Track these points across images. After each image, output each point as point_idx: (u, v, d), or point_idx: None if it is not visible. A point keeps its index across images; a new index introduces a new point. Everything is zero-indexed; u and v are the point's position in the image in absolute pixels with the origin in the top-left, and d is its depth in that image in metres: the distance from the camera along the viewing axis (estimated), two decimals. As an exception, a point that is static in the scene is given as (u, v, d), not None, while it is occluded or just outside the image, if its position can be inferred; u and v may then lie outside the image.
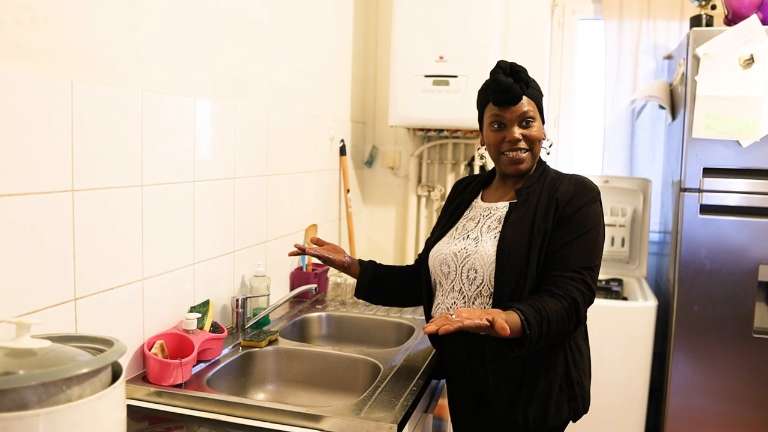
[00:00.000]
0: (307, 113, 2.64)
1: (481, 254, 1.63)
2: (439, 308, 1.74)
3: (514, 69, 1.64)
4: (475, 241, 1.67)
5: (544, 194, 1.64)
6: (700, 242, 2.71)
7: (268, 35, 2.26)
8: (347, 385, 1.88)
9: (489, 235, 1.66)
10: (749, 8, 2.76)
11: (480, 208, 1.76)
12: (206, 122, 1.91)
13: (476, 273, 1.64)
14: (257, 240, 2.24)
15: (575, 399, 1.66)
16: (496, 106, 1.66)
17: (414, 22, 2.90)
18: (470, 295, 1.65)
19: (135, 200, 1.60)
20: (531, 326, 1.45)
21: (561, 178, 1.69)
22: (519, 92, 1.62)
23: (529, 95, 1.65)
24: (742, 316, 2.68)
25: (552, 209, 1.61)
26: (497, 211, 1.71)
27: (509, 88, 1.61)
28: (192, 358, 1.65)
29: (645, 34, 3.34)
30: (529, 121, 1.65)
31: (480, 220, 1.72)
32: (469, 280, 1.65)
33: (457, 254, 1.68)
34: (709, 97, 2.65)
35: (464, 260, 1.66)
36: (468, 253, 1.66)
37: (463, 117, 2.88)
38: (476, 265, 1.63)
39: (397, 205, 3.37)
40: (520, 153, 1.66)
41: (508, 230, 1.62)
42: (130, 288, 1.60)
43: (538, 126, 1.67)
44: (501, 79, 1.62)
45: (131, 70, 1.57)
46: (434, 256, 1.75)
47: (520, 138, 1.65)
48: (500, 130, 1.67)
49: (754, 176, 2.66)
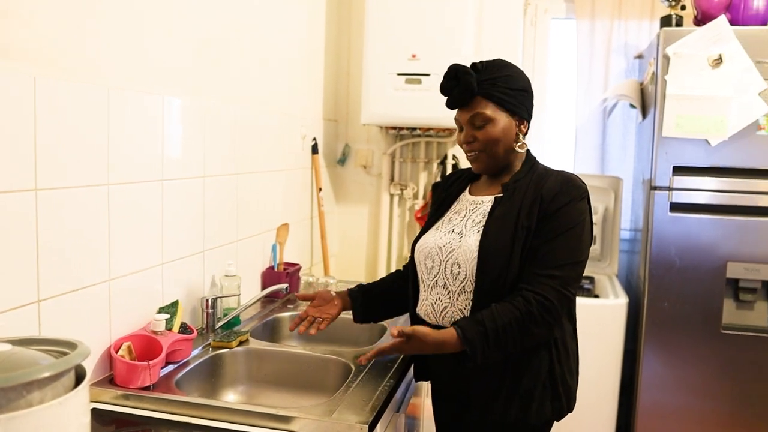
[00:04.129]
0: (279, 111, 2.61)
1: (464, 249, 1.61)
2: (423, 306, 1.72)
3: (459, 72, 1.62)
4: (459, 235, 1.65)
5: (530, 190, 1.62)
6: (670, 240, 2.74)
7: (238, 32, 2.24)
8: (319, 386, 1.87)
9: (473, 229, 1.64)
10: (718, 9, 2.80)
11: (467, 201, 1.74)
12: (175, 120, 1.88)
13: (459, 268, 1.62)
14: (228, 239, 2.21)
15: (558, 398, 1.64)
16: (449, 108, 1.69)
17: (387, 20, 2.89)
18: (454, 290, 1.64)
19: (101, 199, 1.57)
20: (470, 342, 1.50)
21: (549, 174, 1.66)
22: (461, 95, 1.61)
23: (486, 95, 1.61)
24: (711, 313, 2.71)
25: (536, 206, 1.59)
26: (482, 206, 1.69)
27: (450, 92, 1.63)
28: (160, 359, 1.62)
29: (616, 34, 3.36)
30: (481, 123, 1.62)
31: (465, 214, 1.70)
32: (453, 275, 1.63)
33: (441, 248, 1.66)
34: (679, 97, 2.67)
35: (448, 255, 1.65)
36: (452, 247, 1.64)
37: (435, 115, 2.88)
38: (459, 259, 1.62)
39: (370, 203, 3.36)
40: (473, 153, 1.67)
41: (492, 226, 1.61)
42: (96, 289, 1.57)
43: (494, 127, 1.62)
44: (443, 84, 1.65)
45: (97, 67, 1.54)
46: (420, 249, 1.73)
47: (470, 140, 1.65)
48: (460, 130, 1.69)
49: (723, 175, 2.69)
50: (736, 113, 2.62)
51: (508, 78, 1.65)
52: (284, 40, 2.64)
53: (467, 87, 1.60)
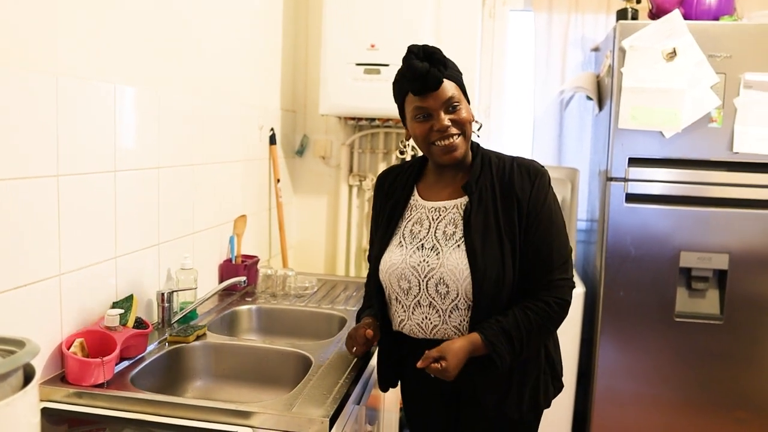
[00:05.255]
0: (236, 101, 2.56)
1: (450, 268, 1.52)
2: (407, 324, 1.61)
3: (428, 51, 1.49)
4: (434, 251, 1.55)
5: (497, 188, 1.55)
6: (625, 230, 2.78)
7: (195, 20, 2.18)
8: (278, 379, 1.85)
9: (449, 243, 1.54)
10: (672, 3, 2.84)
11: (424, 208, 1.62)
12: (128, 110, 1.82)
13: (448, 288, 1.53)
14: (184, 232, 2.16)
15: (557, 377, 1.67)
16: (416, 96, 1.51)
17: (345, 10, 2.86)
18: (445, 309, 1.55)
19: (50, 191, 1.51)
20: (500, 355, 1.49)
21: (505, 164, 1.59)
22: (438, 76, 1.48)
23: (450, 77, 1.51)
24: (665, 301, 2.77)
25: (514, 209, 1.53)
26: (448, 213, 1.58)
27: (426, 73, 1.47)
28: (114, 356, 1.58)
29: (573, 27, 3.39)
30: (455, 105, 1.52)
31: (430, 224, 1.59)
32: (440, 295, 1.54)
33: (416, 268, 1.56)
34: (634, 89, 2.71)
35: (428, 274, 1.54)
36: (431, 266, 1.54)
37: (394, 106, 2.85)
38: (446, 279, 1.52)
39: (329, 194, 3.33)
40: (452, 139, 1.52)
41: (475, 239, 1.51)
42: (46, 284, 1.51)
43: (465, 108, 1.54)
44: (416, 66, 1.47)
45: (44, 54, 1.48)
46: (387, 270, 1.61)
47: (449, 125, 1.51)
48: (426, 120, 1.53)
49: (676, 166, 2.74)
50: (689, 106, 2.67)
51: (452, 62, 1.58)
52: (241, 29, 2.59)
53: (442, 67, 1.50)
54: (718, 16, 2.81)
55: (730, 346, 2.75)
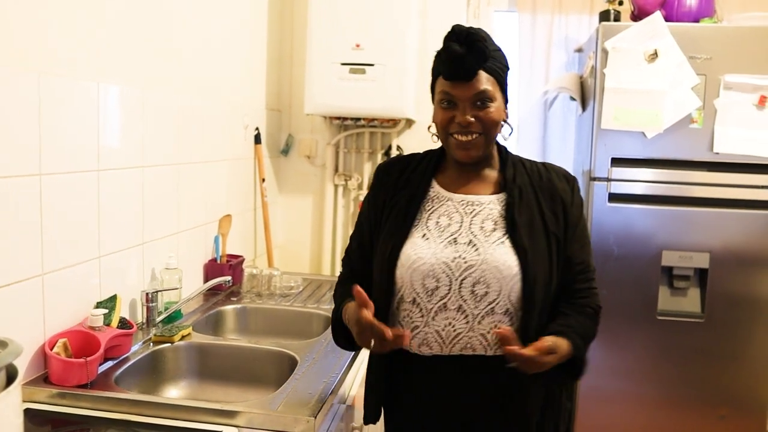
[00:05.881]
0: (221, 100, 2.56)
1: (492, 265, 1.36)
2: (418, 336, 1.40)
3: (472, 36, 1.34)
4: (472, 246, 1.38)
5: (536, 188, 1.45)
6: (608, 229, 2.80)
7: (180, 20, 2.17)
8: (264, 379, 1.85)
9: (490, 239, 1.38)
10: (653, 5, 2.88)
11: (451, 201, 1.45)
12: (112, 108, 1.81)
13: (488, 288, 1.36)
14: (168, 231, 2.16)
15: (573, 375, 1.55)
16: (446, 80, 1.38)
17: (330, 9, 2.86)
18: (477, 313, 1.37)
19: (33, 190, 1.50)
20: (583, 361, 1.43)
21: (537, 165, 1.51)
22: (473, 66, 1.35)
23: (489, 70, 1.37)
24: (647, 300, 2.79)
25: (560, 211, 1.44)
26: (484, 208, 1.43)
27: (462, 60, 1.34)
28: (98, 356, 1.57)
29: (557, 27, 3.41)
30: (485, 101, 1.38)
31: (463, 218, 1.42)
32: (476, 297, 1.36)
33: (450, 264, 1.37)
34: (617, 90, 2.74)
35: (464, 272, 1.37)
36: (469, 262, 1.37)
37: (379, 106, 2.87)
38: (487, 278, 1.36)
39: (314, 194, 3.33)
40: (471, 137, 1.39)
41: (522, 236, 1.38)
42: (28, 284, 1.50)
43: (496, 107, 1.40)
44: (453, 49, 1.34)
45: (27, 52, 1.47)
46: (410, 265, 1.39)
47: (472, 121, 1.37)
48: (450, 108, 1.40)
49: (658, 166, 2.77)
50: (670, 107, 2.70)
51: (501, 54, 1.43)
52: (226, 28, 2.58)
53: (481, 57, 1.35)
54: (698, 18, 2.85)
55: (712, 344, 2.79)
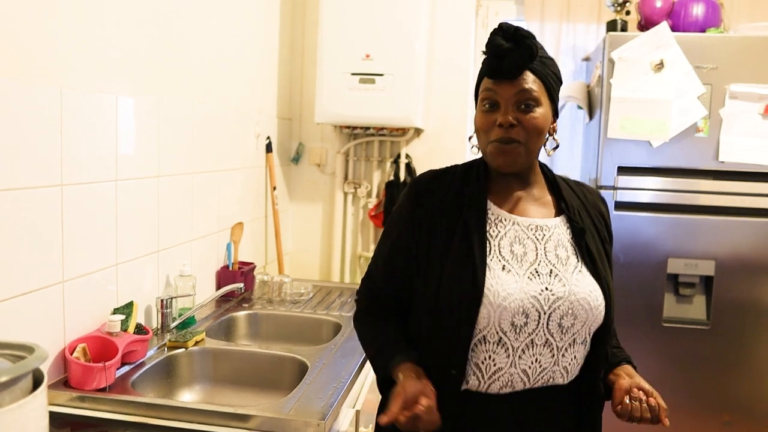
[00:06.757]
0: (233, 110, 2.61)
1: (582, 296, 1.28)
2: (503, 377, 1.27)
3: (520, 33, 1.25)
4: (555, 277, 1.29)
5: (590, 211, 1.40)
6: (615, 237, 2.78)
7: (193, 31, 2.23)
8: (275, 384, 1.89)
9: (568, 268, 1.30)
10: (660, 15, 2.91)
11: (517, 225, 1.33)
12: (129, 120, 1.87)
13: (575, 320, 1.28)
14: (182, 239, 2.21)
15: None
16: (490, 78, 1.29)
17: (341, 20, 2.92)
18: (561, 345, 1.29)
19: (54, 200, 1.55)
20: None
21: (580, 187, 1.45)
22: (520, 62, 1.25)
23: (537, 72, 1.27)
24: (653, 307, 2.82)
25: (605, 235, 1.41)
26: (554, 233, 1.34)
27: (507, 54, 1.24)
28: (116, 361, 1.62)
29: (565, 36, 3.45)
30: (530, 104, 1.26)
31: (536, 245, 1.31)
32: (562, 330, 1.28)
33: (539, 298, 1.26)
34: (623, 99, 2.77)
35: (553, 305, 1.27)
36: (556, 294, 1.27)
37: (388, 115, 2.92)
38: (575, 309, 1.28)
39: (324, 202, 3.38)
40: (511, 145, 1.27)
41: (598, 264, 1.33)
42: (50, 291, 1.56)
43: (542, 114, 1.28)
44: (498, 43, 1.25)
45: (49, 66, 1.53)
46: (500, 303, 1.24)
47: (515, 123, 1.26)
48: (491, 110, 1.29)
49: (664, 174, 2.80)
50: (676, 116, 2.74)
51: (553, 62, 1.34)
52: (238, 38, 2.64)
53: (528, 54, 1.25)
54: (704, 28, 2.88)
55: (717, 351, 2.81)
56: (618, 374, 1.35)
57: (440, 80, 3.20)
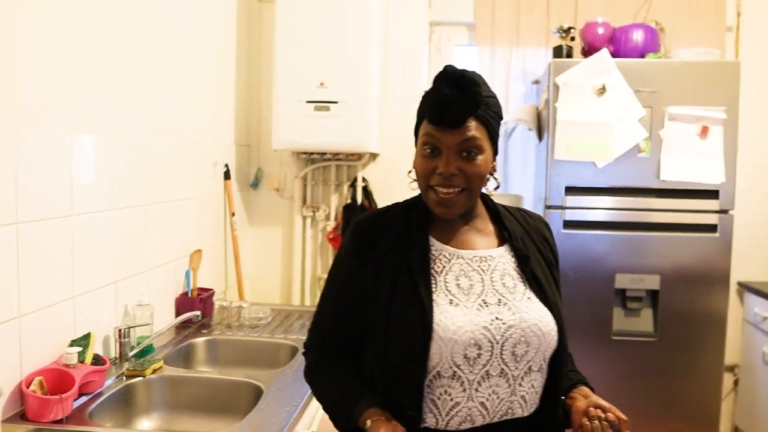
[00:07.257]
0: (190, 141, 2.66)
1: (533, 322, 1.27)
2: (460, 413, 1.25)
3: (466, 80, 1.23)
4: (504, 305, 1.28)
5: (533, 237, 1.41)
6: (564, 255, 2.85)
7: (147, 64, 2.28)
8: (231, 409, 1.93)
9: (515, 296, 1.30)
10: (602, 41, 3.05)
11: (461, 258, 1.33)
12: (85, 156, 1.91)
13: (528, 347, 1.27)
14: (140, 269, 2.25)
15: None
16: (432, 124, 1.26)
17: (295, 49, 2.99)
18: (517, 374, 1.28)
19: (10, 238, 1.59)
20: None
21: (521, 214, 1.46)
22: (464, 112, 1.23)
23: (480, 118, 1.25)
24: (602, 321, 2.94)
25: (551, 258, 1.42)
26: (497, 263, 1.34)
27: (450, 104, 1.22)
28: (73, 392, 1.65)
29: (515, 60, 3.57)
30: (472, 152, 1.25)
31: (482, 276, 1.31)
32: (516, 358, 1.27)
33: (488, 328, 1.25)
34: (569, 122, 2.90)
35: (504, 333, 1.26)
36: (507, 323, 1.26)
37: (343, 141, 3.00)
38: (528, 336, 1.26)
39: (283, 225, 3.44)
40: (452, 192, 1.27)
41: (546, 290, 1.33)
42: (5, 326, 1.59)
43: (483, 160, 1.27)
44: (442, 92, 1.23)
45: (7, 107, 1.57)
46: (450, 337, 1.23)
47: (456, 173, 1.26)
48: (432, 156, 1.28)
49: (610, 194, 2.93)
50: (619, 138, 2.87)
51: (495, 101, 1.30)
52: (195, 70, 2.70)
53: (473, 102, 1.23)
54: (644, 53, 3.02)
55: (664, 361, 2.93)
56: (574, 397, 1.34)
57: (395, 105, 3.29)
